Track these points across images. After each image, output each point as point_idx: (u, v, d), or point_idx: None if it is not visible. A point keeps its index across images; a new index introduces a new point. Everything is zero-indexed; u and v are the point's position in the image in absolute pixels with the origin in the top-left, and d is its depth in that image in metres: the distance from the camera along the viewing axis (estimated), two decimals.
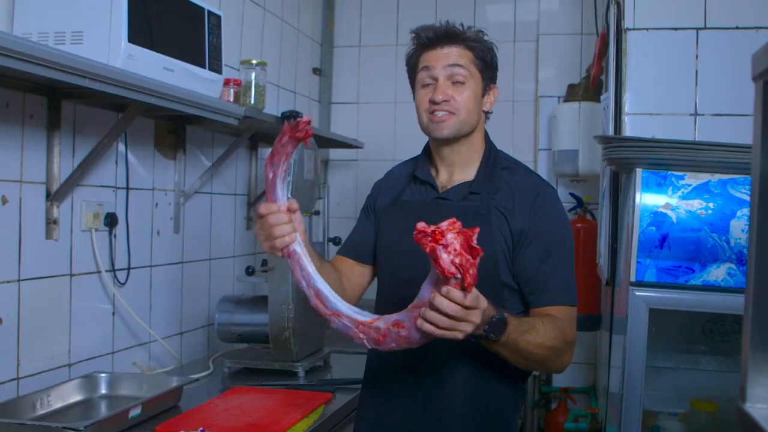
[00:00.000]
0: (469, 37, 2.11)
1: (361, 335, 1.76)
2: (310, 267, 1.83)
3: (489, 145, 2.22)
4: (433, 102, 2.08)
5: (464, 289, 1.58)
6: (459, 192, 2.13)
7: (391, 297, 2.15)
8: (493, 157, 2.18)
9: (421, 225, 1.58)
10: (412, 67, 2.18)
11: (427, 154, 2.26)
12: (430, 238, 1.56)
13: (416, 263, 2.08)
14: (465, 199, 2.11)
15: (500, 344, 1.82)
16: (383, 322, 1.73)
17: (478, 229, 1.58)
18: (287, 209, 1.84)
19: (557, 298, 2.04)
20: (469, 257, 1.55)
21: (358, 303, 2.02)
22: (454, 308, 1.61)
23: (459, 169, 2.17)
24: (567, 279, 2.07)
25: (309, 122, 1.73)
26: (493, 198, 2.08)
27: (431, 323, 1.65)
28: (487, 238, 2.01)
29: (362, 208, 2.37)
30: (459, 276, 1.56)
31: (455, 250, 1.54)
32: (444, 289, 1.60)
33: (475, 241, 1.55)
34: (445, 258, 1.55)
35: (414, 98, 2.19)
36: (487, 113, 2.23)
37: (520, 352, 1.88)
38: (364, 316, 1.77)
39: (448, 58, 2.09)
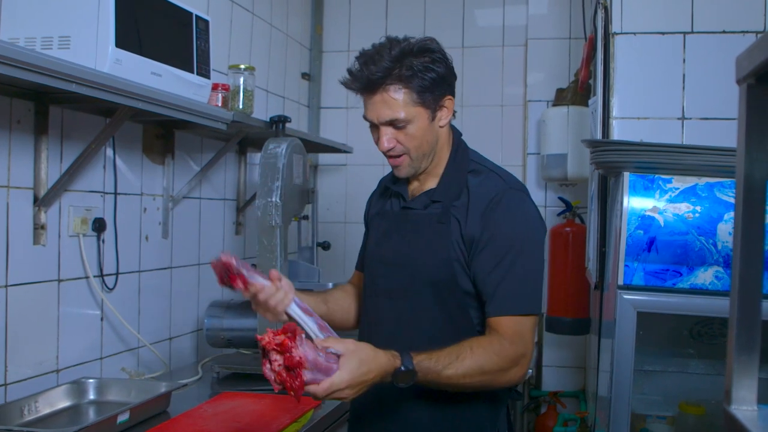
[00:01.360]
0: (401, 74, 1.95)
1: None
2: (310, 325, 1.88)
3: (455, 148, 2.14)
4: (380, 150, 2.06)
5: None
6: (422, 201, 2.10)
7: (369, 305, 2.16)
8: (459, 161, 2.11)
9: (260, 337, 1.67)
10: None
11: None
12: (262, 356, 1.67)
13: (389, 272, 2.10)
14: (427, 207, 2.09)
15: (419, 383, 1.81)
16: None
17: (301, 334, 1.64)
18: (271, 280, 1.91)
19: (505, 307, 1.96)
20: (288, 373, 1.63)
21: None
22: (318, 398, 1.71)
23: (428, 179, 2.15)
24: (521, 286, 1.98)
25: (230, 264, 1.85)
26: (453, 205, 2.04)
27: None
28: (444, 246, 2.01)
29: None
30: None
31: (277, 367, 1.63)
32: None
33: (294, 352, 1.61)
34: (269, 375, 1.66)
35: None
36: (453, 113, 2.12)
37: (445, 386, 1.87)
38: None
39: (382, 111, 1.97)
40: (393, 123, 1.99)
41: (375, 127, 2.04)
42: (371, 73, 1.95)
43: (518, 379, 1.97)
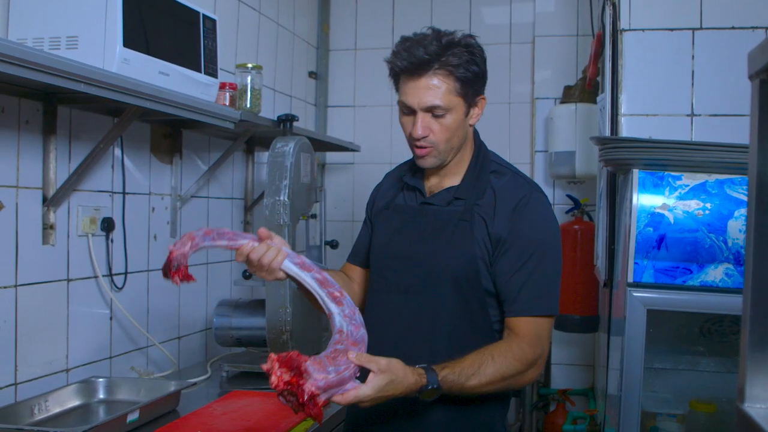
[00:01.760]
0: (448, 61, 1.96)
1: None
2: (308, 281, 1.89)
3: (477, 148, 2.16)
4: (412, 137, 2.04)
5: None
6: (444, 197, 2.11)
7: (378, 301, 2.15)
8: (481, 161, 2.13)
9: (268, 364, 1.65)
10: (395, 83, 2.09)
11: None
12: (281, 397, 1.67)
13: (403, 267, 2.09)
14: (450, 204, 2.09)
15: (444, 394, 1.83)
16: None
17: (305, 362, 1.63)
18: (260, 239, 1.92)
19: (526, 309, 1.98)
20: (309, 402, 1.63)
21: None
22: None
23: (448, 175, 2.15)
24: (544, 287, 2.01)
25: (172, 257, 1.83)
26: (477, 203, 2.05)
27: None
28: (469, 244, 2.01)
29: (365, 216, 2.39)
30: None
31: (291, 398, 1.64)
32: None
33: (307, 385, 1.62)
34: (287, 405, 1.67)
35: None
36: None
37: (468, 394, 1.89)
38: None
39: (425, 96, 1.97)
40: (432, 110, 1.99)
41: (409, 114, 2.04)
42: (421, 55, 1.96)
43: (535, 378, 2.01)
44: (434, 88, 1.97)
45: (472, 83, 2.01)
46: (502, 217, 2.01)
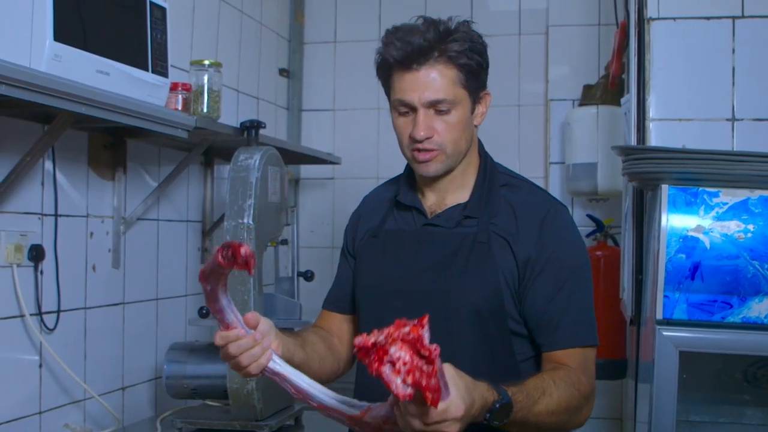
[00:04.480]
0: (449, 48, 2.01)
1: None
2: (303, 382, 1.81)
3: (484, 158, 2.21)
4: (413, 139, 2.07)
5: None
6: (451, 217, 2.13)
7: None
8: (489, 173, 2.17)
9: (358, 340, 1.56)
10: (385, 81, 2.14)
11: (412, 174, 2.26)
12: (373, 356, 1.55)
13: (407, 306, 2.08)
14: (459, 224, 2.11)
15: (506, 425, 1.80)
16: (371, 417, 1.73)
17: (426, 320, 1.54)
18: (246, 327, 1.82)
19: (571, 339, 2.04)
20: (423, 366, 1.52)
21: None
22: (417, 425, 1.59)
23: (452, 191, 2.17)
24: (583, 314, 2.08)
25: (252, 255, 1.69)
26: (492, 222, 2.08)
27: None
28: (490, 270, 2.03)
29: (341, 250, 2.38)
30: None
31: (405, 364, 1.52)
32: (401, 404, 1.58)
33: (426, 341, 1.52)
34: (395, 381, 1.53)
35: (391, 119, 2.17)
36: None
37: (530, 426, 1.87)
38: (353, 409, 1.76)
39: (427, 89, 2.02)
40: (435, 105, 2.03)
41: (407, 113, 2.08)
42: (423, 42, 2.00)
43: (585, 419, 2.05)
44: (437, 79, 2.02)
45: (476, 74, 2.07)
46: (528, 236, 2.06)
